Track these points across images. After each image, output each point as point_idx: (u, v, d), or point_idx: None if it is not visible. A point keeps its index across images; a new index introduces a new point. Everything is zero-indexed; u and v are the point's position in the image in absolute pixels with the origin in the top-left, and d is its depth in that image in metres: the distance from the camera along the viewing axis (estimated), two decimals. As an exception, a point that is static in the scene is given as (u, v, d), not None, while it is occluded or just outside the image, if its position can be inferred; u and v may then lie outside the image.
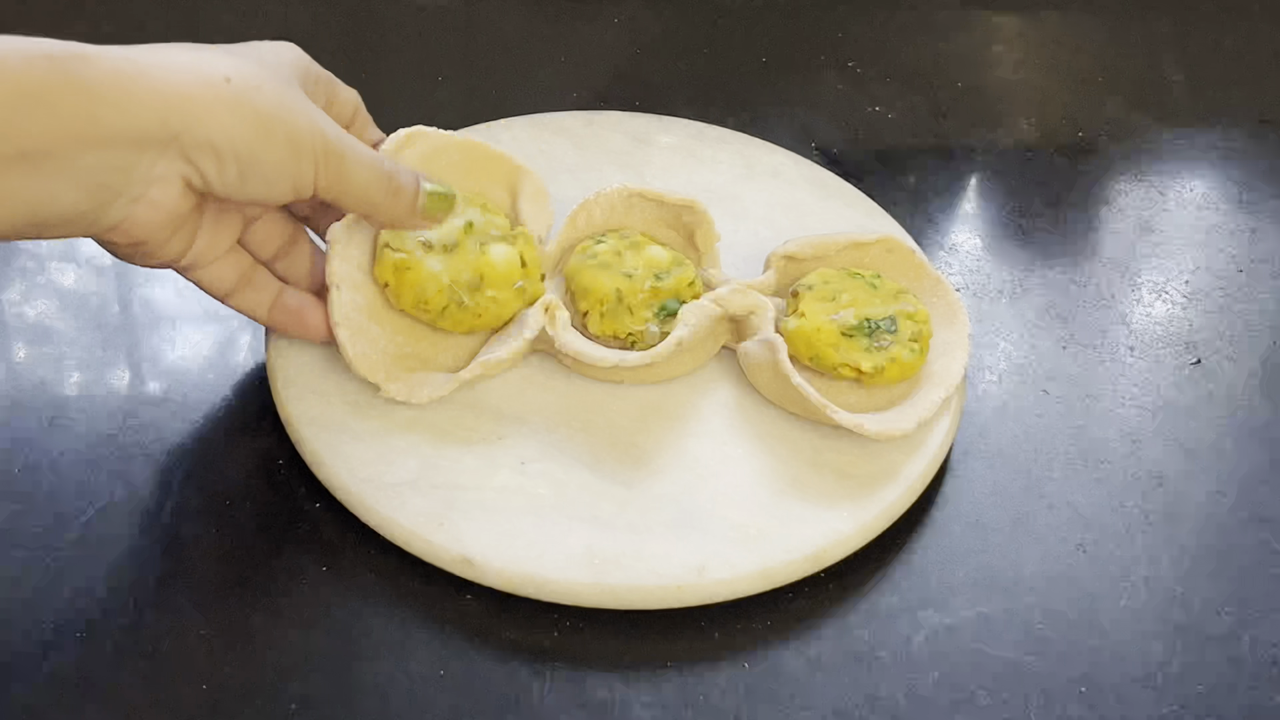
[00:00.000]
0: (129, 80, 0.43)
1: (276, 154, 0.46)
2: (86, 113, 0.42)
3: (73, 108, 0.42)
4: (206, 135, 0.44)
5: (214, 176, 0.46)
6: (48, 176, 0.42)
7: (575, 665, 0.49)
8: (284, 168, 0.46)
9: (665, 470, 0.53)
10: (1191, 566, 0.54)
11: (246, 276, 0.53)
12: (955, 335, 0.57)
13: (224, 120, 0.44)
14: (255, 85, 0.45)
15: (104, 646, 0.48)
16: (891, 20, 0.79)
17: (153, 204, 0.45)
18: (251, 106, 0.45)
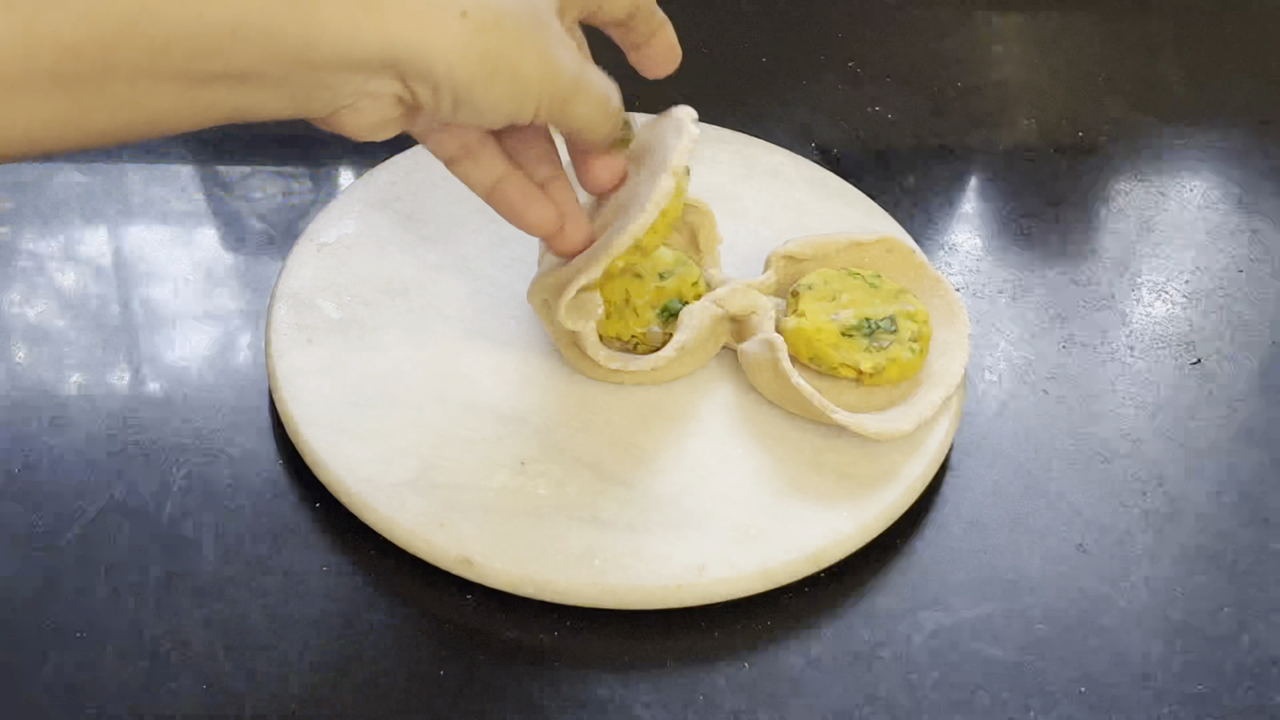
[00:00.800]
0: (359, 9, 0.41)
1: (498, 93, 0.44)
2: (307, 40, 0.40)
3: (296, 35, 0.40)
4: (429, 68, 0.42)
5: (428, 103, 0.44)
6: (257, 89, 0.41)
7: (575, 665, 0.49)
8: (503, 106, 0.45)
9: (665, 470, 0.53)
10: (1191, 566, 0.54)
11: (469, 148, 0.51)
12: (955, 335, 0.57)
13: (450, 57, 0.42)
14: (492, 22, 0.43)
15: (104, 646, 0.48)
16: (891, 20, 0.79)
17: (360, 111, 0.44)
18: (482, 46, 0.43)
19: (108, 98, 0.38)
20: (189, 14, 0.38)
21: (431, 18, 0.41)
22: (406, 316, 0.58)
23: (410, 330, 0.57)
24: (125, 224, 0.63)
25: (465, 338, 0.57)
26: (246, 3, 0.39)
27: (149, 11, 0.37)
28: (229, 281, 0.61)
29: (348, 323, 0.57)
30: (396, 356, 0.56)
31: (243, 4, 0.38)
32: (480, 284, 0.59)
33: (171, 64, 0.38)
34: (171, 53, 0.38)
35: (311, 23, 0.40)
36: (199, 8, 0.38)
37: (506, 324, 0.58)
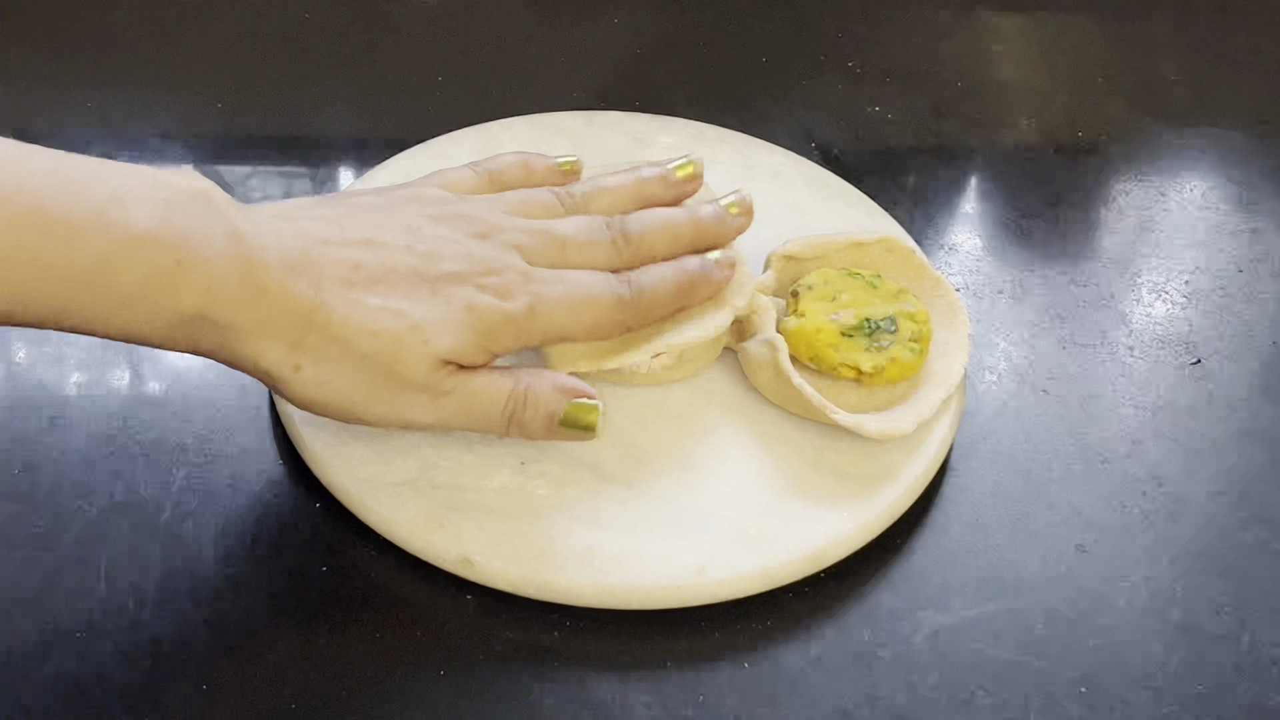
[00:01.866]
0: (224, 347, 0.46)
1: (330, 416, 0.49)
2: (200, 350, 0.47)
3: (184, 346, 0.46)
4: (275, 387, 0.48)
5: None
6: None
7: (575, 665, 0.49)
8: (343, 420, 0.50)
9: (665, 470, 0.53)
10: (1191, 566, 0.54)
11: None
12: (955, 335, 0.57)
13: (283, 389, 0.48)
14: (320, 382, 0.47)
15: (104, 646, 0.48)
16: (891, 20, 0.79)
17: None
18: (304, 393, 0.48)
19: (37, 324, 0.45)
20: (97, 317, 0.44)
21: (269, 365, 0.47)
22: (406, 316, 0.58)
23: (410, 330, 0.57)
24: (125, 224, 0.63)
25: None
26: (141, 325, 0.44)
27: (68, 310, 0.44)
28: (229, 281, 0.61)
29: (348, 323, 0.57)
30: (396, 356, 0.56)
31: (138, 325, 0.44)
32: (480, 284, 0.59)
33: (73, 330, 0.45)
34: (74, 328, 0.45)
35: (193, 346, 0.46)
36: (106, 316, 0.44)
37: (506, 324, 0.58)
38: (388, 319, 0.47)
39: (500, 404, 0.50)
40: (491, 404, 0.50)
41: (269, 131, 0.69)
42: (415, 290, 0.48)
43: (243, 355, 0.46)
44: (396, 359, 0.47)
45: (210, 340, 0.46)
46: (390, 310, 0.47)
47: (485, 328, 0.49)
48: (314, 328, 0.46)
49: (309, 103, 0.70)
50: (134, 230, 0.42)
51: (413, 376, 0.48)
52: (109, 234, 0.42)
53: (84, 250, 0.42)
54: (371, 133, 0.69)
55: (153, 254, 0.43)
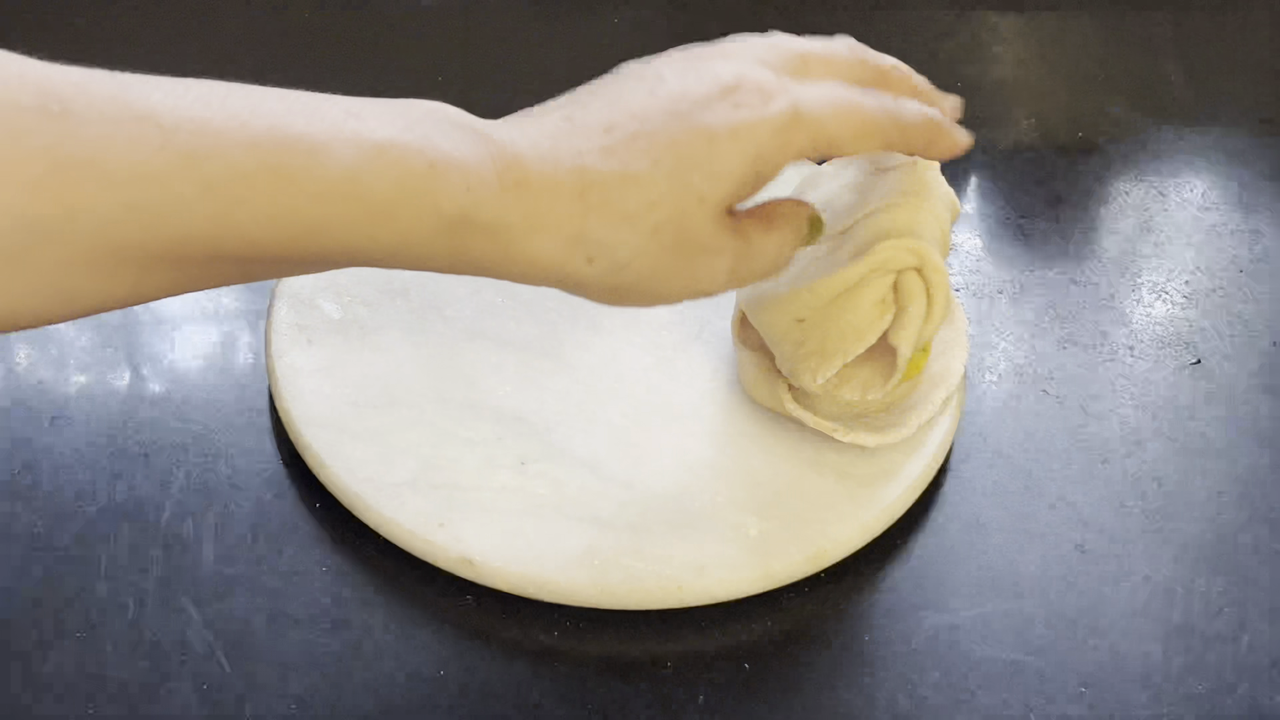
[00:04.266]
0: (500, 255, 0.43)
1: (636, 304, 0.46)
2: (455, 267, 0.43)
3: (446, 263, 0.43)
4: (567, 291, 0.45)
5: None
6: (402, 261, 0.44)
7: (575, 665, 0.49)
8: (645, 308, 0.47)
9: (665, 470, 0.53)
10: (1191, 566, 0.54)
11: None
12: (954, 334, 0.57)
13: (582, 290, 0.45)
14: (618, 267, 0.44)
15: (104, 646, 0.48)
16: (891, 20, 0.79)
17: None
18: (610, 284, 0.44)
19: (268, 272, 0.42)
20: (360, 237, 0.41)
21: (557, 265, 0.43)
22: (406, 316, 0.58)
23: (410, 330, 0.57)
24: (125, 224, 0.63)
25: (465, 338, 0.57)
26: (405, 237, 0.41)
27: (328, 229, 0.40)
28: (229, 281, 0.61)
29: (348, 323, 0.57)
30: (396, 356, 0.56)
31: (402, 237, 0.41)
32: (480, 284, 0.59)
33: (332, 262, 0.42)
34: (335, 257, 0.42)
35: (455, 259, 0.42)
36: (369, 233, 0.41)
37: (506, 324, 0.58)
38: (662, 181, 0.43)
39: (785, 246, 0.47)
40: (779, 247, 0.47)
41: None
42: (676, 134, 0.44)
43: (521, 259, 0.43)
44: (682, 224, 0.44)
45: (482, 247, 0.42)
46: (663, 169, 0.43)
47: (753, 149, 0.44)
48: (592, 211, 0.43)
49: (309, 103, 0.70)
50: (377, 138, 0.40)
51: (702, 236, 0.44)
52: (352, 144, 0.40)
53: (329, 162, 0.39)
54: (371, 133, 0.69)
55: (401, 158, 0.40)
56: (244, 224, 0.38)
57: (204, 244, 0.38)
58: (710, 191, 0.44)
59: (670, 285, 0.45)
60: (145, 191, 0.36)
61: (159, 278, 0.39)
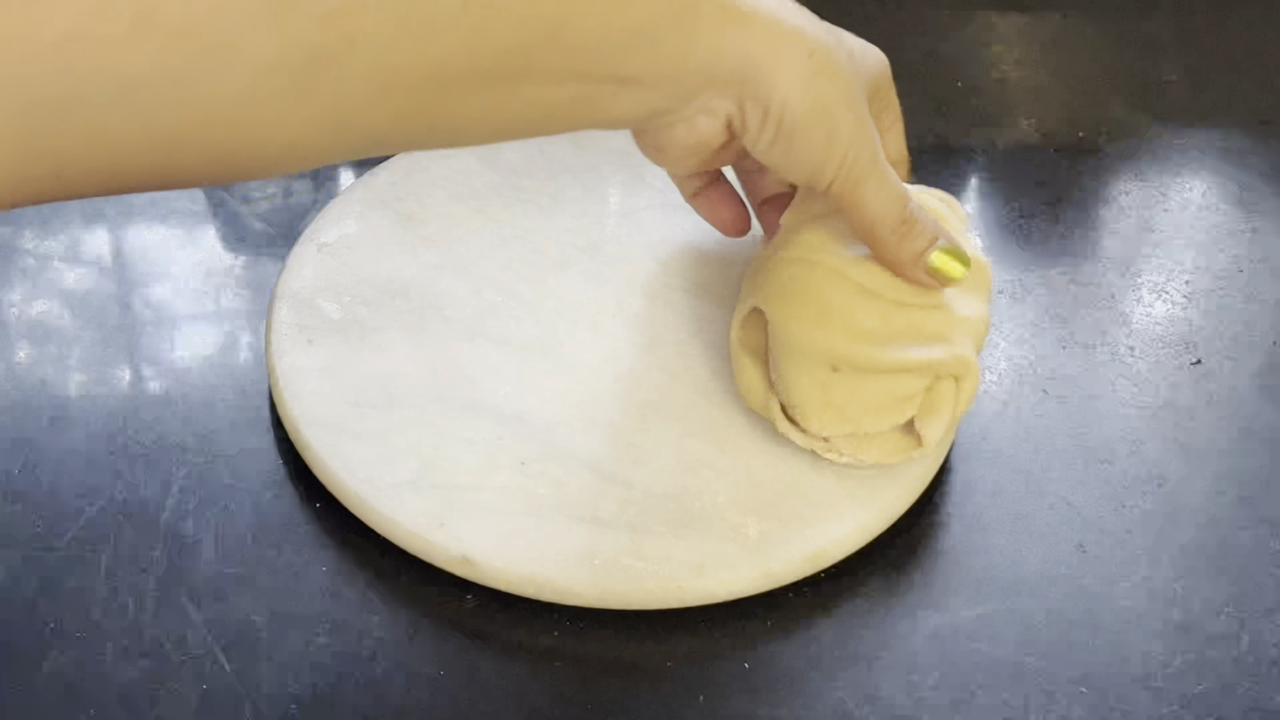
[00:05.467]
0: (730, 22, 0.45)
1: (814, 139, 0.47)
2: (681, 52, 0.44)
3: (672, 47, 0.44)
4: (769, 91, 0.46)
5: (753, 128, 0.47)
6: (629, 94, 0.45)
7: (575, 665, 0.49)
8: (811, 155, 0.48)
9: (665, 470, 0.53)
10: (1191, 566, 0.54)
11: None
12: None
13: (789, 89, 0.46)
14: (830, 73, 0.46)
15: (104, 646, 0.48)
16: (891, 20, 0.79)
17: (692, 126, 0.48)
18: (817, 90, 0.46)
19: (522, 95, 0.42)
20: (600, 23, 0.42)
21: (785, 49, 0.45)
22: (406, 316, 0.58)
23: (410, 330, 0.57)
24: (126, 224, 0.63)
25: (465, 338, 0.57)
26: (642, 17, 0.43)
27: (570, 20, 0.41)
28: (229, 281, 0.61)
29: (348, 323, 0.57)
30: (396, 356, 0.56)
31: (639, 17, 0.42)
32: (480, 284, 0.59)
33: (578, 66, 0.42)
34: (580, 56, 0.42)
35: (689, 35, 0.44)
36: (607, 18, 0.42)
37: (506, 324, 0.58)
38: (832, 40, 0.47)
39: (905, 197, 0.50)
40: (901, 191, 0.50)
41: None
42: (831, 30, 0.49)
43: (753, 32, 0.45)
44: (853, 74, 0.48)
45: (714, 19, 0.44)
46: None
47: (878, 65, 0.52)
48: (807, 15, 0.46)
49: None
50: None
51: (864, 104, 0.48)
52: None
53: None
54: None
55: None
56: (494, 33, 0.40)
57: (464, 59, 0.40)
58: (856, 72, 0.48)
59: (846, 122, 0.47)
60: (410, 12, 0.38)
61: (422, 101, 0.40)
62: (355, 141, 0.40)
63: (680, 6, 0.43)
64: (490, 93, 0.41)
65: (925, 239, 0.50)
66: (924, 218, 0.50)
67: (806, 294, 0.51)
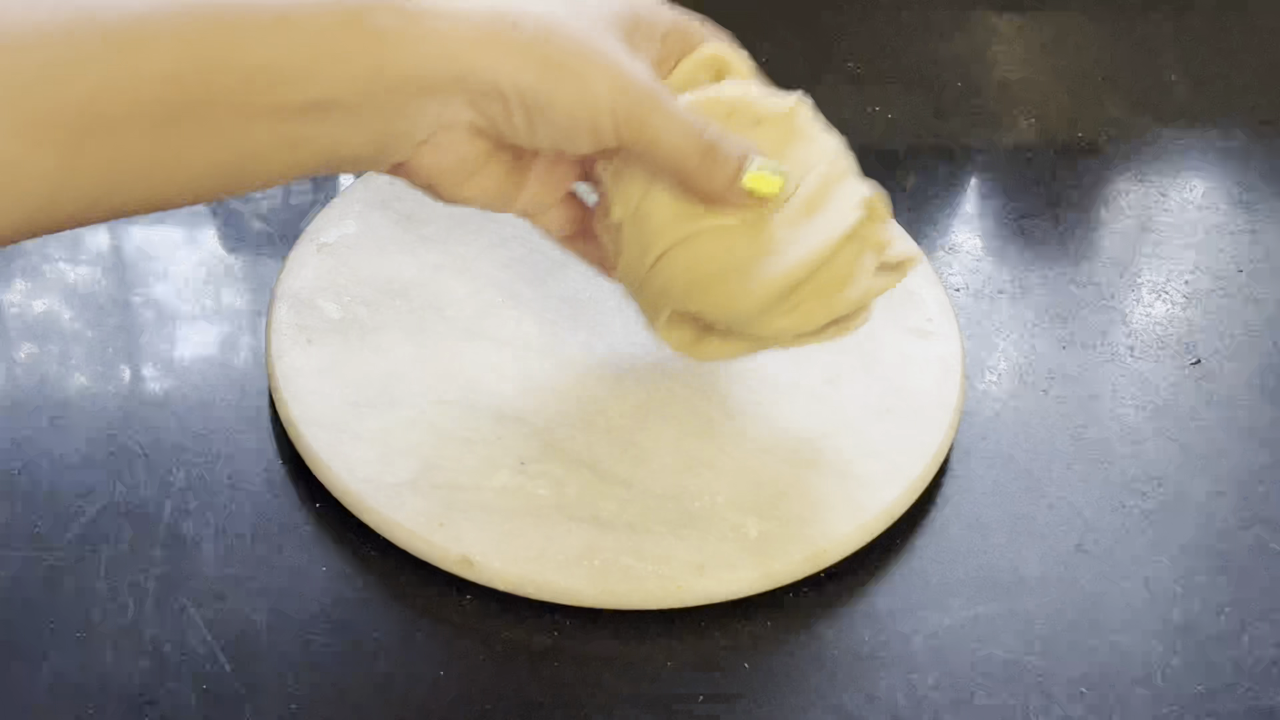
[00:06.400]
0: (415, 25, 0.42)
1: (566, 99, 0.44)
2: (374, 61, 0.41)
3: (360, 57, 0.41)
4: (492, 80, 0.43)
5: (501, 122, 0.44)
6: (336, 123, 0.42)
7: (575, 665, 0.49)
8: (576, 115, 0.44)
9: (665, 470, 0.53)
10: (1191, 566, 0.54)
11: (586, 227, 0.52)
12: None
13: (508, 65, 0.43)
14: (544, 31, 0.43)
15: (104, 646, 0.48)
16: (891, 20, 0.79)
17: (439, 147, 0.45)
18: (540, 52, 0.43)
19: (206, 133, 0.40)
20: (267, 51, 0.40)
21: (485, 33, 0.42)
22: (406, 316, 0.58)
23: (410, 330, 0.57)
24: (125, 224, 0.63)
25: (465, 338, 0.57)
26: (312, 37, 0.40)
27: (234, 50, 0.39)
28: (229, 281, 0.61)
29: (348, 323, 0.57)
30: (396, 356, 0.56)
31: (309, 37, 0.40)
32: (480, 284, 0.59)
33: (259, 99, 0.40)
34: (257, 81, 0.40)
35: (377, 42, 0.41)
36: (274, 44, 0.40)
37: (506, 324, 0.58)
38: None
39: (699, 124, 0.46)
40: (693, 121, 0.46)
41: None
42: None
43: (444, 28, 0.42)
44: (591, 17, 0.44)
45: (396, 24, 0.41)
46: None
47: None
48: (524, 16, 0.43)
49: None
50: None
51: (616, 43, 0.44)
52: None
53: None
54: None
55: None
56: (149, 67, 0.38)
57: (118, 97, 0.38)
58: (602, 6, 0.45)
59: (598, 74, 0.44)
60: (49, 53, 0.37)
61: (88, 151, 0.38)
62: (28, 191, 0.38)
63: (350, 19, 0.40)
64: (167, 133, 0.39)
65: (733, 163, 0.46)
66: (726, 140, 0.46)
67: (709, 274, 0.48)
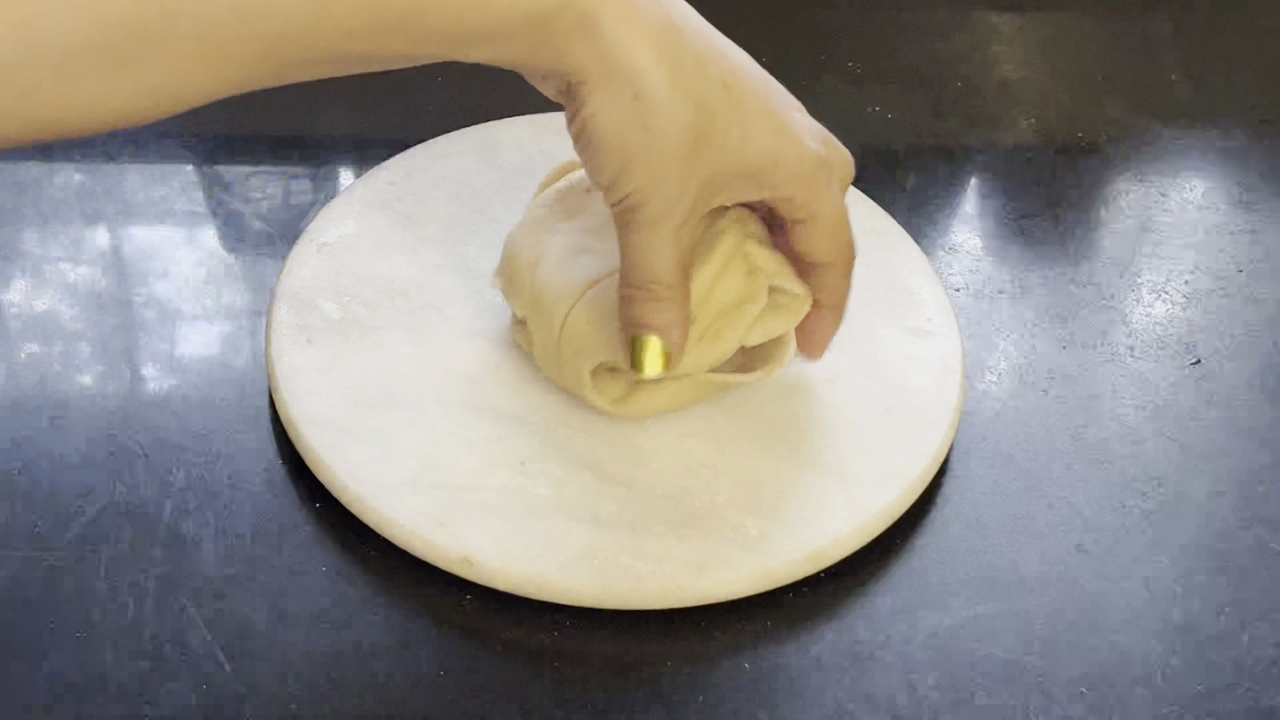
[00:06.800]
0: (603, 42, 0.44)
1: (602, 166, 0.46)
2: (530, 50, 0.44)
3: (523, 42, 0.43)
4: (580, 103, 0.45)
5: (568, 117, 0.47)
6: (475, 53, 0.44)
7: (575, 665, 0.49)
8: (599, 178, 0.47)
9: (665, 470, 0.53)
10: (1191, 566, 0.54)
11: None
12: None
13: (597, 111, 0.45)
14: (646, 122, 0.45)
15: (104, 646, 0.48)
16: (891, 20, 0.79)
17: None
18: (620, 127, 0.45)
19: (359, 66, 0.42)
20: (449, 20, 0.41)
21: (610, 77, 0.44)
22: (406, 316, 0.58)
23: (410, 330, 0.57)
24: (125, 224, 0.63)
25: (465, 338, 0.57)
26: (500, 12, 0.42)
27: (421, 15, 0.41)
28: (229, 281, 0.61)
29: (348, 323, 0.57)
30: (396, 356, 0.56)
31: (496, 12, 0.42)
32: (480, 284, 0.59)
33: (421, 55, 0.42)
34: (426, 46, 0.42)
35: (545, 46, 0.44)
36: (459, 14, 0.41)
37: (506, 324, 0.58)
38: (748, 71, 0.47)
39: (674, 272, 0.48)
40: (675, 262, 0.48)
41: (269, 131, 0.69)
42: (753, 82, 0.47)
43: (609, 52, 0.44)
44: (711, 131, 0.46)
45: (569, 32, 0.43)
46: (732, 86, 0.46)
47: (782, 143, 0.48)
48: (672, 29, 0.45)
49: (309, 103, 0.70)
50: None
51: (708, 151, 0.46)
52: None
53: None
54: (371, 133, 0.69)
55: None
56: (338, 17, 0.39)
57: (304, 39, 0.39)
58: (734, 134, 0.46)
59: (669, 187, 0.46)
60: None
61: (261, 70, 0.40)
62: (197, 100, 0.40)
63: (536, 11, 0.42)
64: (330, 67, 0.41)
65: (637, 325, 0.49)
66: (663, 308, 0.49)
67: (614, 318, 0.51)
